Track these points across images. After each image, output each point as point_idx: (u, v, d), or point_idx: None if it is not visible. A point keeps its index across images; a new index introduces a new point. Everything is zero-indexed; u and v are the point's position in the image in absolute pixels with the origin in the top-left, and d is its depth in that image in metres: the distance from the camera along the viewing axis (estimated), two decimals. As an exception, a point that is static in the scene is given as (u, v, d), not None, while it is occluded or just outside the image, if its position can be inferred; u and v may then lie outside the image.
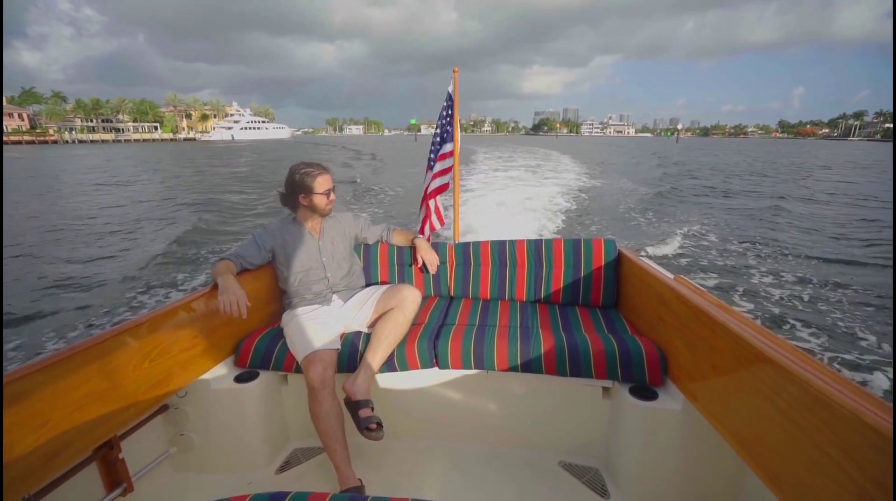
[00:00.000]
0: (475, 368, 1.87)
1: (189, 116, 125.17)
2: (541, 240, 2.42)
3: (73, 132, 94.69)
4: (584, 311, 2.26)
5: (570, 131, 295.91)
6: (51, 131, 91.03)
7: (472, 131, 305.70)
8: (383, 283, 2.42)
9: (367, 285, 2.35)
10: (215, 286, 1.83)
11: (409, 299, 2.01)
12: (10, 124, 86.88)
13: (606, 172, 22.11)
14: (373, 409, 1.75)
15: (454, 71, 2.57)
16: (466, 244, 2.48)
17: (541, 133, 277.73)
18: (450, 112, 2.56)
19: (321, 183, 2.03)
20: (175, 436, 1.86)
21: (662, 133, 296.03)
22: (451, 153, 2.61)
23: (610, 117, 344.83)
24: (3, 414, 1.14)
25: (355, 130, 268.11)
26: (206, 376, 1.87)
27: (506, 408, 1.98)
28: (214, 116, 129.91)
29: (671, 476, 1.63)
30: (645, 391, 1.68)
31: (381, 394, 1.96)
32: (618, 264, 2.29)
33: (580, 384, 1.83)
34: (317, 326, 1.94)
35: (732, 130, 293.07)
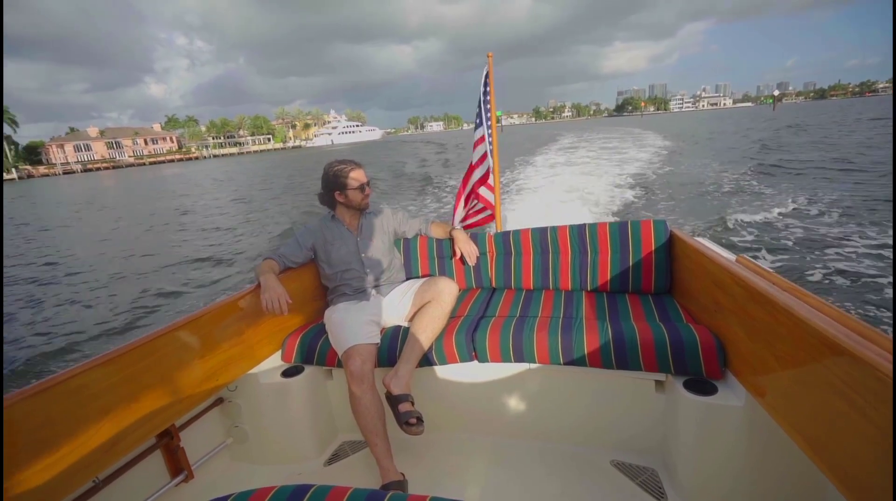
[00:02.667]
0: (515, 361, 1.82)
1: (294, 126, 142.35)
2: (584, 225, 2.29)
3: (209, 149, 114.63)
4: (635, 299, 2.11)
5: (658, 109, 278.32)
6: (193, 149, 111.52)
7: (552, 118, 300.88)
8: (424, 276, 2.43)
9: (408, 278, 2.36)
10: (259, 285, 1.92)
11: (446, 291, 2.00)
12: (164, 146, 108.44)
13: (662, 152, 20.92)
14: (413, 403, 1.75)
15: (488, 56, 2.61)
16: (506, 233, 2.42)
17: (624, 114, 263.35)
18: (487, 98, 2.63)
19: (354, 178, 2.10)
20: (231, 428, 1.96)
21: (764, 101, 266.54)
22: (482, 139, 2.64)
23: (704, 89, 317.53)
24: (2, 414, 1.15)
25: (436, 127, 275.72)
26: (254, 370, 1.95)
27: (552, 403, 1.90)
28: (315, 125, 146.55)
29: (736, 480, 1.47)
30: (703, 385, 1.51)
31: (422, 388, 1.93)
32: (670, 246, 2.12)
33: (630, 377, 1.71)
34: (356, 321, 1.97)
35: (857, 89, 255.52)
